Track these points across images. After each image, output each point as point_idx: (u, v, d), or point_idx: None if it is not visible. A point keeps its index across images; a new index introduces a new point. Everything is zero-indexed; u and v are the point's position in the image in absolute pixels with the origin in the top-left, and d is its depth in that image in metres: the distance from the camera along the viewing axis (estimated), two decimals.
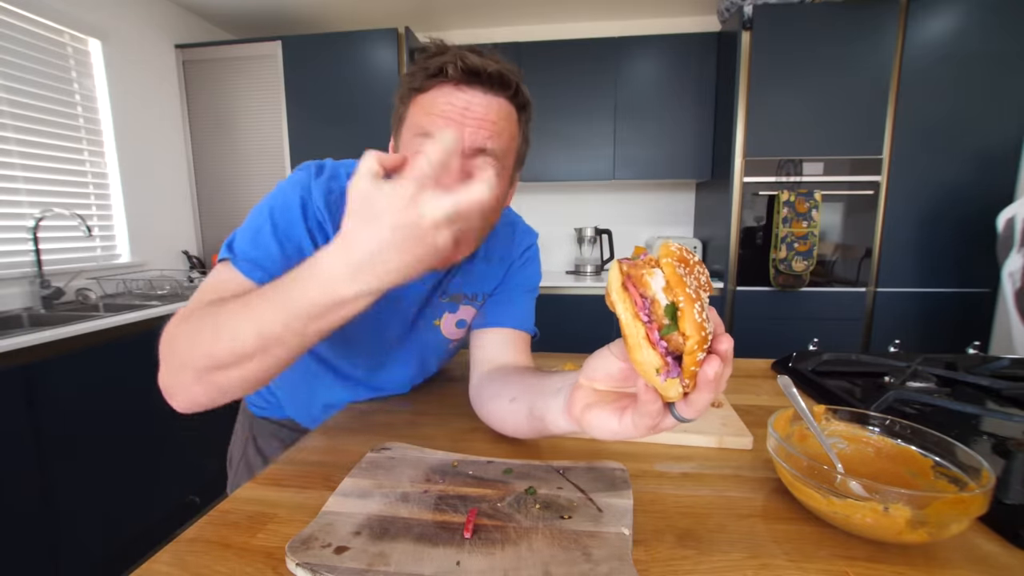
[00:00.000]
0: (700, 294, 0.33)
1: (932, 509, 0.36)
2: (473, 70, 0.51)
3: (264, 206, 0.57)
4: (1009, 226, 1.13)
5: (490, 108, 0.53)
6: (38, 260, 1.78)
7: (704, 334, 0.31)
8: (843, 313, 2.16)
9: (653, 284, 0.33)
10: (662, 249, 0.34)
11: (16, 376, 1.28)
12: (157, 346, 0.48)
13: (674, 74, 2.41)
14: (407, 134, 0.55)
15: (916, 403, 0.66)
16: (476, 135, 0.52)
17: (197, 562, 0.39)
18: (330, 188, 0.58)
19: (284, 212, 0.56)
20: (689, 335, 0.31)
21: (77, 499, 1.44)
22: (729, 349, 0.33)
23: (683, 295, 0.31)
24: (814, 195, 2.04)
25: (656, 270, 0.33)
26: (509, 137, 0.56)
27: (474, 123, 0.52)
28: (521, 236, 0.76)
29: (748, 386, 0.81)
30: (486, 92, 0.53)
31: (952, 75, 1.99)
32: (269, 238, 0.55)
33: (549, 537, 0.41)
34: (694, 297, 0.31)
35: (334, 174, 0.60)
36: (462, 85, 0.52)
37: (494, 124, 0.53)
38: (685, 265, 0.33)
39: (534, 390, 0.51)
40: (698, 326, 0.31)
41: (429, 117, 0.52)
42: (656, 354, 0.32)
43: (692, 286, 0.32)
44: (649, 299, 0.33)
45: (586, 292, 2.36)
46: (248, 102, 2.54)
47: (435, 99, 0.52)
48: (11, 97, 1.77)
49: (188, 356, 0.45)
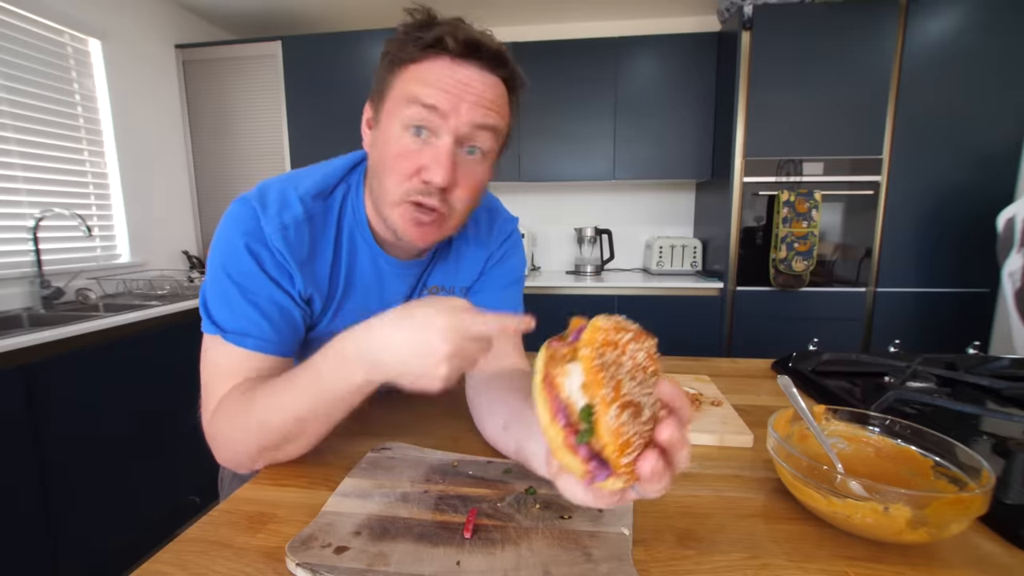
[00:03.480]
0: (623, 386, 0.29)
1: (932, 509, 0.36)
2: (472, 44, 0.49)
3: (217, 262, 0.54)
4: (1009, 226, 1.13)
5: (487, 86, 0.51)
6: (38, 260, 1.78)
7: (622, 440, 0.28)
8: (843, 313, 2.16)
9: (567, 385, 0.30)
10: (587, 332, 0.32)
11: (16, 376, 1.28)
12: (158, 346, 0.48)
13: (674, 74, 2.41)
14: (394, 103, 0.52)
15: (916, 403, 0.66)
16: (474, 112, 0.50)
17: (197, 562, 0.39)
18: (283, 224, 0.54)
19: (240, 271, 0.53)
20: (606, 443, 0.29)
21: (77, 499, 1.44)
22: (672, 437, 0.30)
23: (598, 396, 0.29)
24: (814, 195, 2.04)
25: (573, 366, 0.31)
26: (504, 119, 0.54)
27: (472, 99, 0.50)
28: (501, 224, 0.72)
29: (748, 386, 0.81)
30: (483, 69, 0.50)
31: (952, 75, 1.99)
32: (241, 303, 0.53)
33: (549, 537, 0.41)
34: (611, 397, 0.29)
35: (284, 202, 0.55)
36: (460, 60, 0.49)
37: (492, 102, 0.51)
38: (614, 348, 0.31)
39: (523, 423, 0.48)
40: (614, 432, 0.28)
41: (426, 88, 0.49)
42: (577, 460, 0.30)
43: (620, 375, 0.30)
44: (564, 401, 0.30)
45: (586, 292, 2.36)
46: (248, 102, 2.54)
47: (432, 70, 0.50)
48: (11, 97, 1.77)
49: (241, 448, 0.51)
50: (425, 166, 0.51)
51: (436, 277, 0.69)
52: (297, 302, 0.57)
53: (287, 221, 0.54)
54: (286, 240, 0.54)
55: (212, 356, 0.54)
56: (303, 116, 2.49)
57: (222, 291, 0.53)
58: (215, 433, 0.52)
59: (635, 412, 0.29)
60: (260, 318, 0.53)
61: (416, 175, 0.51)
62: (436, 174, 0.50)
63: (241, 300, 0.53)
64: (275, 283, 0.55)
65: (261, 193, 0.56)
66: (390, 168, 0.52)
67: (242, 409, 0.49)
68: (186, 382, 0.55)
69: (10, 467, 1.27)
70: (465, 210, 0.56)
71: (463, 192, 0.54)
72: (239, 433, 0.50)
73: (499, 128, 0.53)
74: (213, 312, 0.53)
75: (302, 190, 0.56)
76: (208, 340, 0.54)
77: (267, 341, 0.54)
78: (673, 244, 2.54)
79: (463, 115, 0.50)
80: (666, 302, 2.29)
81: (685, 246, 2.53)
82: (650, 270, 2.63)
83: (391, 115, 0.52)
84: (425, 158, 0.51)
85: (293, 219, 0.55)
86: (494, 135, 0.53)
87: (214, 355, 0.54)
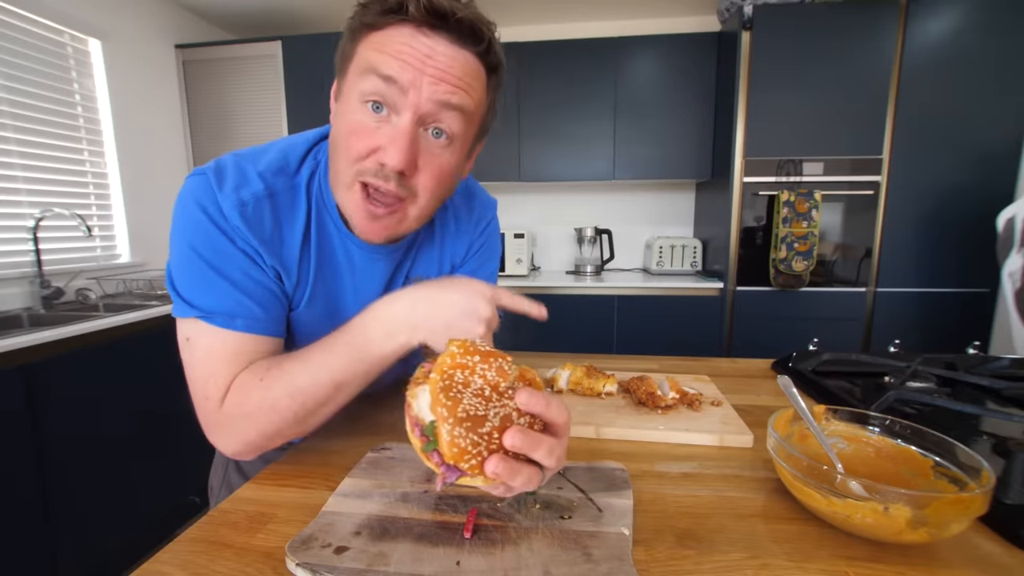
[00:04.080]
0: (462, 403, 0.35)
1: (932, 509, 0.36)
2: (439, 12, 0.43)
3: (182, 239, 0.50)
4: (1009, 226, 1.13)
5: (455, 61, 0.45)
6: (38, 260, 1.78)
7: (457, 450, 0.34)
8: (843, 313, 2.16)
9: (416, 405, 0.37)
10: (440, 356, 0.38)
11: (16, 376, 1.28)
12: (158, 346, 0.48)
13: (674, 74, 2.41)
14: (352, 74, 0.48)
15: (916, 403, 0.66)
16: (437, 87, 0.45)
17: (197, 562, 0.39)
18: (241, 200, 0.50)
19: (209, 246, 0.49)
20: (444, 451, 0.34)
21: (77, 499, 1.44)
22: (515, 442, 0.34)
23: (436, 415, 0.35)
24: (814, 195, 2.04)
25: (422, 388, 0.37)
26: (476, 99, 0.49)
27: (435, 73, 0.45)
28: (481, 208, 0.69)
29: (748, 386, 0.81)
30: (452, 42, 0.45)
31: (952, 75, 1.99)
32: (219, 281, 0.49)
33: (549, 537, 0.41)
34: (446, 415, 0.34)
35: (242, 177, 0.51)
36: (425, 28, 0.44)
37: (459, 79, 0.46)
38: (463, 369, 0.37)
39: None
40: (448, 444, 0.34)
41: (384, 57, 0.44)
42: (432, 463, 0.36)
43: (464, 393, 0.35)
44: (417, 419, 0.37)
45: (586, 292, 2.36)
46: (248, 102, 2.54)
47: (391, 38, 0.45)
48: (11, 97, 1.77)
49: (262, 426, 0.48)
50: (381, 146, 0.46)
51: (420, 266, 0.65)
52: (271, 277, 0.54)
53: (245, 197, 0.50)
54: (244, 217, 0.50)
55: (202, 342, 0.50)
56: (303, 116, 2.49)
57: (194, 271, 0.49)
58: (225, 419, 0.49)
59: (473, 425, 0.34)
60: (242, 295, 0.50)
61: (370, 155, 0.47)
62: (392, 156, 0.46)
63: (217, 278, 0.49)
64: (247, 256, 0.51)
65: (218, 168, 0.51)
66: (343, 146, 0.48)
67: (266, 384, 0.47)
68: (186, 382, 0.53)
69: (10, 467, 1.27)
70: (430, 200, 0.52)
71: (426, 179, 0.49)
72: (262, 411, 0.48)
73: (467, 109, 0.48)
74: (186, 294, 0.49)
75: (262, 166, 0.53)
76: (188, 326, 0.50)
77: (255, 320, 0.51)
78: (673, 244, 2.54)
79: (424, 90, 0.45)
80: (666, 302, 2.29)
81: (685, 246, 2.53)
82: (650, 270, 2.63)
83: (351, 87, 0.48)
84: (381, 137, 0.46)
85: (252, 195, 0.51)
86: (462, 117, 0.48)
87: (204, 341, 0.49)
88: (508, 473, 0.34)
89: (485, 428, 0.35)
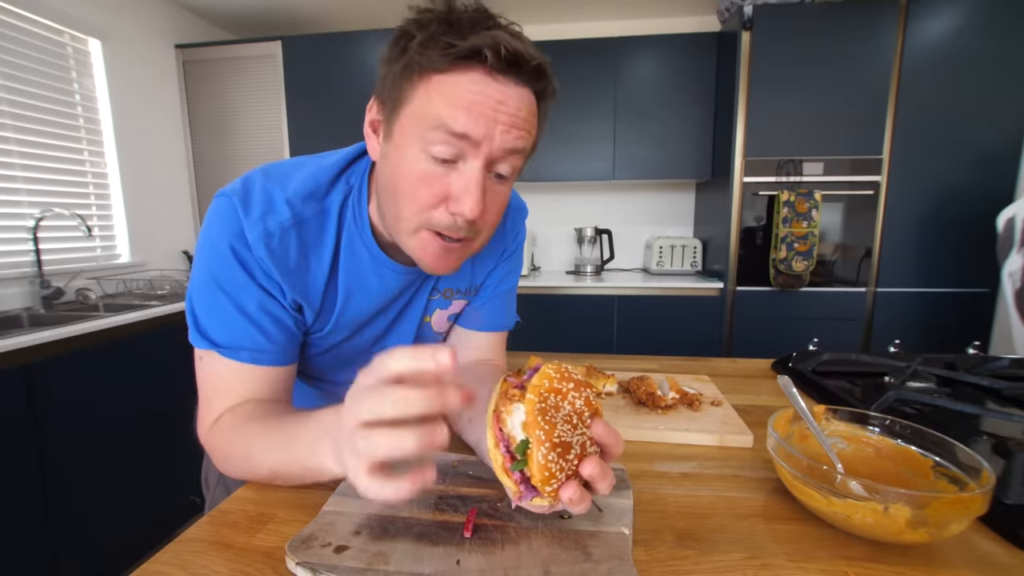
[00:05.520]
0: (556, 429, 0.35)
1: (932, 509, 0.36)
2: (515, 59, 0.42)
3: (204, 265, 0.50)
4: (1009, 226, 1.13)
5: (523, 103, 0.44)
6: (38, 260, 1.78)
7: (547, 474, 0.35)
8: (843, 313, 2.16)
9: (510, 422, 0.37)
10: (536, 377, 0.37)
11: (16, 376, 1.28)
12: (158, 346, 0.48)
13: (674, 74, 2.41)
14: (412, 121, 0.44)
15: (916, 403, 0.66)
16: (507, 135, 0.44)
17: (197, 562, 0.39)
18: (268, 231, 0.49)
19: (228, 278, 0.50)
20: (534, 473, 0.35)
21: (77, 499, 1.44)
22: (592, 472, 0.36)
23: (533, 437, 0.35)
24: (814, 195, 2.04)
25: (518, 406, 0.37)
26: (536, 136, 0.49)
27: (507, 120, 0.43)
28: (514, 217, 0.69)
29: (748, 386, 0.81)
30: (520, 84, 0.44)
31: (952, 75, 1.99)
32: (233, 314, 0.50)
33: (549, 537, 0.41)
34: (543, 439, 0.35)
35: (269, 205, 0.50)
36: (496, 73, 0.42)
37: (525, 121, 0.45)
38: (556, 394, 0.37)
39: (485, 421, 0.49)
40: (542, 467, 0.35)
41: (453, 110, 0.42)
42: (511, 481, 0.37)
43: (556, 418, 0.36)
44: (507, 435, 0.37)
45: (586, 292, 2.36)
46: (248, 102, 2.54)
47: (459, 85, 0.42)
48: (11, 97, 1.77)
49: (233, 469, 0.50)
50: (453, 196, 0.45)
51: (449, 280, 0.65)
52: (288, 310, 0.54)
53: (271, 228, 0.50)
54: (269, 249, 0.49)
55: (208, 368, 0.51)
56: (303, 116, 2.49)
57: (211, 300, 0.50)
58: (213, 447, 0.51)
59: (563, 451, 0.35)
60: (253, 330, 0.51)
61: (440, 204, 0.46)
62: (466, 206, 0.44)
63: (232, 311, 0.50)
64: (264, 291, 0.51)
65: (244, 191, 0.50)
66: (407, 194, 0.46)
67: (232, 437, 0.49)
68: (186, 382, 0.54)
69: (10, 467, 1.27)
70: (491, 232, 0.52)
71: (490, 216, 0.49)
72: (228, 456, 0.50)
73: (528, 150, 0.48)
74: (203, 323, 0.51)
75: (290, 191, 0.51)
76: (203, 354, 0.52)
77: (262, 352, 0.51)
78: (673, 244, 2.54)
79: (496, 141, 0.43)
80: (666, 302, 2.29)
81: (685, 246, 2.53)
82: (650, 270, 2.63)
83: (408, 133, 0.45)
84: (452, 187, 0.45)
85: (278, 225, 0.50)
86: (523, 157, 0.48)
87: (210, 367, 0.51)
88: (581, 500, 0.36)
89: (571, 456, 0.36)
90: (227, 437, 0.49)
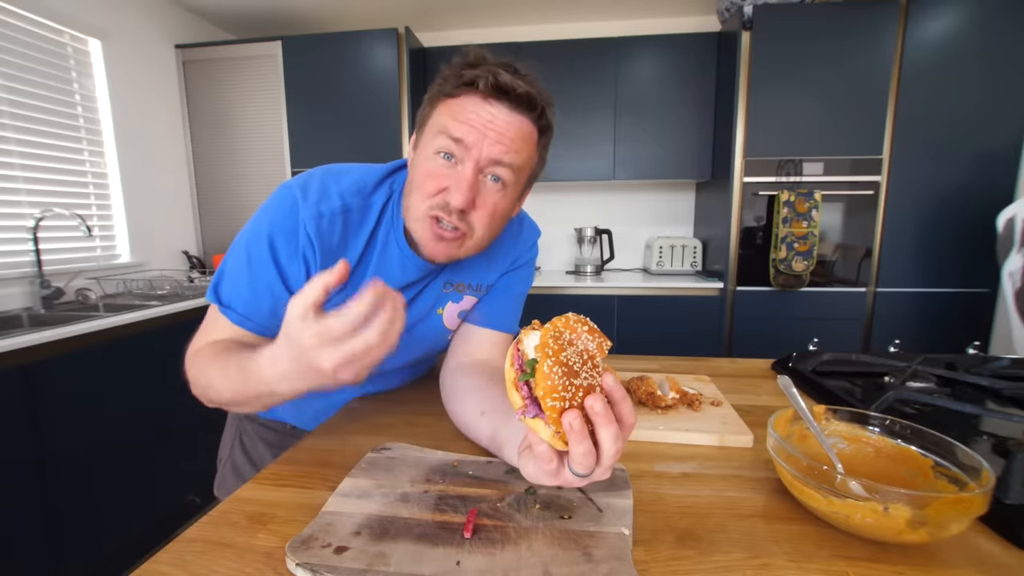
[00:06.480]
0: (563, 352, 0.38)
1: (932, 509, 0.36)
2: (503, 88, 0.54)
3: (245, 235, 0.60)
4: (1009, 226, 1.13)
5: (511, 125, 0.55)
6: (38, 260, 1.78)
7: (549, 384, 0.36)
8: (843, 313, 2.16)
9: (526, 341, 0.40)
10: (556, 317, 0.42)
11: (16, 376, 1.28)
12: (157, 346, 0.49)
13: (674, 74, 2.41)
14: (429, 132, 0.58)
15: (916, 403, 0.66)
16: (494, 147, 0.55)
17: (197, 562, 0.39)
18: (320, 212, 0.60)
19: (256, 253, 0.59)
20: (537, 383, 0.37)
21: (77, 499, 1.44)
22: (596, 405, 0.37)
23: (541, 353, 0.38)
24: (814, 195, 2.04)
25: (534, 332, 0.40)
26: (526, 156, 0.58)
27: (494, 135, 0.55)
28: (528, 232, 0.78)
29: (748, 386, 0.81)
30: (511, 110, 0.55)
31: (952, 75, 1.99)
32: (244, 280, 0.59)
33: (549, 537, 0.41)
34: (550, 354, 0.37)
35: (324, 193, 0.61)
36: (490, 99, 0.55)
37: (512, 141, 0.56)
38: (571, 332, 0.40)
39: (500, 412, 0.55)
40: (544, 376, 0.37)
41: (454, 121, 0.55)
42: (518, 395, 0.39)
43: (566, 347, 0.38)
44: (522, 353, 0.40)
45: (586, 292, 2.36)
46: (248, 102, 2.54)
47: (463, 106, 0.55)
48: (11, 97, 1.77)
49: (201, 393, 0.56)
50: (448, 188, 0.56)
51: (463, 274, 0.72)
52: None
53: (324, 210, 0.60)
54: (319, 227, 0.59)
55: (210, 313, 0.62)
56: (303, 116, 2.49)
57: (235, 267, 0.60)
58: (190, 375, 0.58)
59: (568, 374, 0.37)
60: (251, 298, 0.59)
61: (439, 194, 0.57)
62: (455, 196, 0.56)
63: (245, 279, 0.59)
64: (280, 275, 0.60)
65: (305, 182, 0.61)
66: (419, 186, 0.58)
67: (204, 366, 0.55)
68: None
69: (10, 467, 1.27)
70: (485, 233, 0.60)
71: (482, 216, 0.59)
72: (201, 382, 0.56)
73: (515, 165, 0.57)
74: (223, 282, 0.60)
75: (343, 186, 0.63)
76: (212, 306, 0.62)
77: (246, 319, 0.59)
78: (673, 244, 2.54)
79: (484, 149, 0.55)
80: (666, 302, 2.29)
81: (685, 246, 2.53)
82: (650, 270, 2.63)
83: (427, 142, 0.58)
84: (449, 180, 0.56)
85: (330, 209, 0.60)
86: (512, 170, 0.57)
87: (211, 313, 0.62)
88: (579, 433, 0.36)
89: (576, 381, 0.37)
90: (201, 362, 0.57)
